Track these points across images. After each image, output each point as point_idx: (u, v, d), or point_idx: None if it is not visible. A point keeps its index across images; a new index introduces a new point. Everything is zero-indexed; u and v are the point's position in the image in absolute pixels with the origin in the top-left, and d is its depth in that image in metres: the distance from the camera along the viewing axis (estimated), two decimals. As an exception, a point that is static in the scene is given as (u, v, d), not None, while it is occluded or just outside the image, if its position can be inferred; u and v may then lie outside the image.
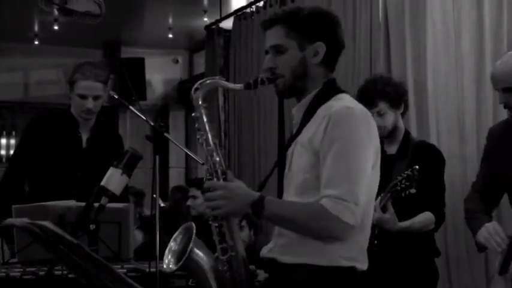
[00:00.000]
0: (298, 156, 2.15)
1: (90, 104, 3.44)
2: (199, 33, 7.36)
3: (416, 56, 4.23)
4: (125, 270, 2.79)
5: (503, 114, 3.81)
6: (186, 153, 3.58)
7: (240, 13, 6.39)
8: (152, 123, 3.02)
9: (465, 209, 3.00)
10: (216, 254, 2.15)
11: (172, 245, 2.19)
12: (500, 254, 2.76)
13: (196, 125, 2.22)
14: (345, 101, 2.13)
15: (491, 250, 2.84)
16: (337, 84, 2.23)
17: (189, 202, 4.98)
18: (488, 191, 2.95)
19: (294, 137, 2.19)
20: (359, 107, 2.12)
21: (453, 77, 4.05)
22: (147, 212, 6.60)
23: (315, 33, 2.16)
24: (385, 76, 3.37)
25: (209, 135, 2.18)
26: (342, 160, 2.01)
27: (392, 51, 4.42)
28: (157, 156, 2.85)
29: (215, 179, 2.14)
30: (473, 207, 2.94)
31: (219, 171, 2.15)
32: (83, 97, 3.44)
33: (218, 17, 6.77)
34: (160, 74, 8.81)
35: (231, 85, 2.26)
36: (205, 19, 7.07)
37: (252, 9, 6.17)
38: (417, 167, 2.91)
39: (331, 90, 2.18)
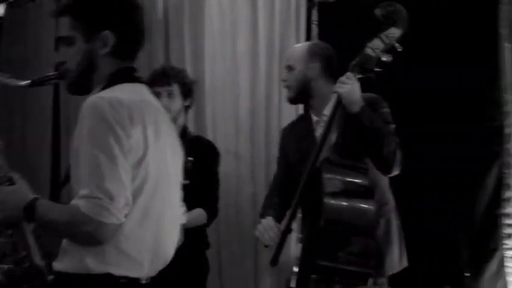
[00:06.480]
0: None
1: None
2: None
3: (194, 53, 4.25)
4: None
5: (275, 113, 3.99)
6: None
7: (12, 0, 5.99)
8: None
9: (261, 207, 3.02)
10: (7, 266, 1.97)
11: None
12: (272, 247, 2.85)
13: None
14: (106, 92, 1.93)
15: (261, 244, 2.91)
16: (129, 73, 2.01)
17: None
18: (283, 184, 2.98)
19: None
20: (109, 95, 1.90)
21: (229, 75, 4.13)
22: None
23: (100, 21, 1.95)
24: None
25: None
26: (85, 157, 1.83)
27: (171, 46, 4.38)
28: None
29: None
30: (265, 203, 2.99)
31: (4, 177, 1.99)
32: None
33: (-13, 3, 6.30)
34: None
35: (14, 82, 2.06)
36: (-26, 5, 6.55)
37: (26, -4, 5.81)
38: (191, 158, 2.92)
39: (112, 81, 1.97)
